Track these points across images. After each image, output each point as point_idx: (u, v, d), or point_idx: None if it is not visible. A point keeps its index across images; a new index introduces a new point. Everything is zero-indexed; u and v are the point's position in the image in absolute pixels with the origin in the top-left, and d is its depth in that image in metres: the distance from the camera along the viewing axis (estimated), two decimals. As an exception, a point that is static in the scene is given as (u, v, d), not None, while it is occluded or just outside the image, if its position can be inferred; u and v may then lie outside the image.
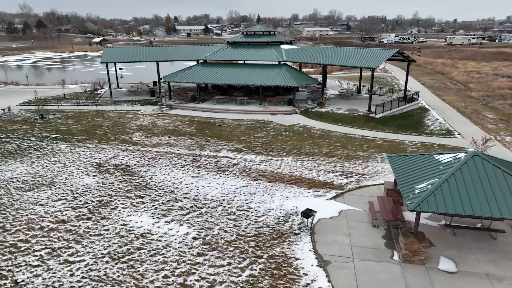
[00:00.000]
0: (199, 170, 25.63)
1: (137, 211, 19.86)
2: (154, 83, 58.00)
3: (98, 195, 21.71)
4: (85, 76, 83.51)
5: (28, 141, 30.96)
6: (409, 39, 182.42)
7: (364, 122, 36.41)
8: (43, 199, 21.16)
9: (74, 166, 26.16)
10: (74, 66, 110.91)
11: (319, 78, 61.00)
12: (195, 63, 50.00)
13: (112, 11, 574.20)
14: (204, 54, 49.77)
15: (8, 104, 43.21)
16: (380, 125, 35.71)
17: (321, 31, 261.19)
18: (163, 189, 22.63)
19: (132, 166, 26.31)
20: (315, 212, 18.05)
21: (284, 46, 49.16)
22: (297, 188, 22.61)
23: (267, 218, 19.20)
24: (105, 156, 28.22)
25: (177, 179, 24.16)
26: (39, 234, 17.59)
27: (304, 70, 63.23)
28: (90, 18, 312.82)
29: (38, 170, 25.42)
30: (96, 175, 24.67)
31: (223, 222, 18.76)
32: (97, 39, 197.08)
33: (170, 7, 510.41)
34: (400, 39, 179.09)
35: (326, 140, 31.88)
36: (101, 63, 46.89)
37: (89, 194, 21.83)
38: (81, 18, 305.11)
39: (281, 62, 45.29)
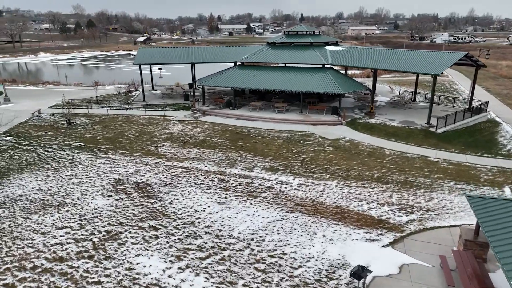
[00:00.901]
0: (226, 194, 21.97)
1: (148, 249, 16.49)
2: (190, 85, 55.41)
3: (108, 223, 18.66)
4: (125, 76, 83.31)
5: (49, 150, 28.92)
6: (465, 38, 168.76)
7: (423, 138, 31.04)
8: (46, 226, 18.43)
9: (90, 183, 23.47)
10: (117, 65, 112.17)
11: (367, 82, 55.56)
12: (233, 64, 46.68)
13: (159, 11, 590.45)
14: (242, 55, 46.24)
15: (40, 106, 42.16)
16: (443, 142, 30.20)
17: (366, 30, 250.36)
18: (183, 218, 19.17)
19: (153, 185, 23.17)
20: (370, 271, 13.70)
21: (329, 48, 44.46)
22: (343, 227, 18.25)
23: (306, 271, 15.08)
24: (126, 171, 25.36)
25: (200, 205, 20.63)
26: (28, 277, 14.68)
27: (348, 72, 57.96)
28: (138, 18, 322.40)
29: (51, 186, 22.96)
30: (111, 196, 21.75)
31: (250, 275, 14.88)
32: (142, 38, 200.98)
33: (215, 6, 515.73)
34: (454, 39, 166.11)
35: (378, 160, 27.05)
36: (134, 64, 44.82)
37: (98, 222, 18.84)
38: (129, 18, 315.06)
39: (326, 66, 40.70)
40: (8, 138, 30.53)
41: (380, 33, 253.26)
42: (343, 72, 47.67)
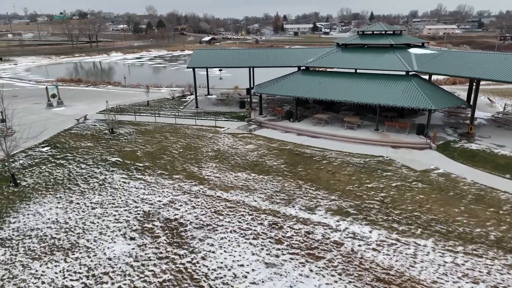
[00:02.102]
0: (278, 249, 16.37)
1: None
2: (247, 90, 50.63)
3: None
4: (184, 76, 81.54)
5: (83, 166, 25.60)
6: None
7: (553, 177, 22.64)
8: (44, 283, 14.33)
9: (114, 216, 19.32)
10: (180, 65, 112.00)
11: (456, 91, 46.29)
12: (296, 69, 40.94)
13: (227, 11, 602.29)
14: (307, 58, 40.26)
15: (91, 110, 40.09)
16: None
17: (445, 29, 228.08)
18: (216, 288, 13.96)
19: (186, 226, 18.35)
20: None
21: (414, 50, 36.73)
22: (456, 337, 11.65)
23: None
24: (159, 201, 20.91)
25: (242, 265, 15.31)
26: None
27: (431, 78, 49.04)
28: (206, 18, 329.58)
29: (69, 218, 19.18)
30: (133, 239, 17.29)
31: None
32: (207, 38, 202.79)
33: (282, 6, 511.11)
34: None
35: (491, 208, 19.55)
36: (187, 68, 41.09)
37: (107, 282, 14.34)
38: (197, 18, 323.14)
39: (410, 73, 33.22)
40: (45, 149, 28.00)
41: (461, 33, 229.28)
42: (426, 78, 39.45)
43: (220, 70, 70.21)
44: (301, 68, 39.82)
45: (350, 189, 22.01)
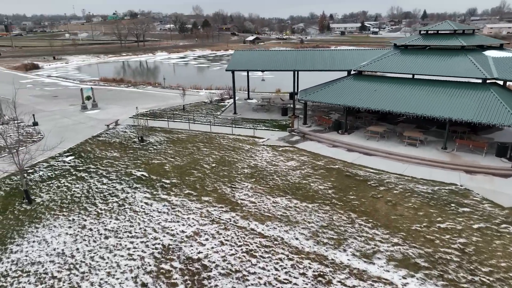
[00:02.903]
0: (326, 319, 12.37)
1: None
2: (291, 95, 46.63)
3: None
4: (226, 78, 79.01)
5: (104, 181, 23.01)
6: None
7: None
8: None
9: (128, 250, 16.28)
10: (222, 65, 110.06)
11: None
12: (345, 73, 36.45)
13: (272, 11, 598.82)
14: (359, 61, 35.61)
15: (125, 114, 38.07)
16: None
17: (509, 28, 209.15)
18: None
19: (211, 271, 14.86)
20: None
21: (491, 53, 30.93)
22: None
23: None
24: (183, 232, 17.65)
25: None
26: None
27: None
28: (251, 18, 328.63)
29: (77, 248, 16.40)
30: (145, 286, 14.06)
31: None
32: (251, 38, 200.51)
33: (328, 5, 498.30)
34: None
35: None
36: (226, 71, 37.91)
37: None
38: (242, 18, 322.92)
39: (488, 80, 27.63)
40: (68, 158, 25.87)
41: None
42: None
43: (263, 71, 66.73)
44: (352, 72, 35.22)
45: (417, 230, 17.44)
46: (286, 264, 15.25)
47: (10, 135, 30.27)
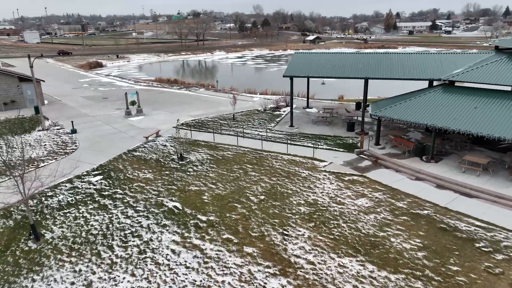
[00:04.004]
0: None
1: None
2: (358, 104, 40.21)
3: None
4: (283, 81, 73.75)
5: (129, 213, 18.96)
6: None
7: None
8: None
9: (136, 333, 11.74)
10: (279, 66, 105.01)
11: None
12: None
13: (334, 9, 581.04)
14: (450, 69, 28.56)
15: (168, 122, 34.45)
16: None
17: None
18: None
19: None
20: None
21: None
22: None
23: None
24: (212, 306, 12.78)
25: None
26: None
27: None
28: (311, 17, 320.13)
29: (72, 323, 12.23)
30: None
31: None
32: (311, 37, 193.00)
33: (394, 3, 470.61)
34: None
35: None
36: (284, 76, 32.69)
37: None
38: (303, 17, 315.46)
39: None
40: (96, 178, 22.35)
41: None
42: None
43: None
44: (436, 83, 28.20)
45: None
46: None
47: (45, 144, 27.82)
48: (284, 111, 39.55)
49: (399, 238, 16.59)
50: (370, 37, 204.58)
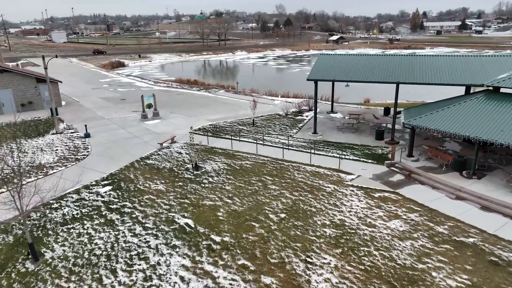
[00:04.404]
0: None
1: None
2: (386, 110, 37.60)
3: None
4: (304, 82, 71.31)
5: (137, 230, 17.35)
6: None
7: None
8: None
9: None
10: (302, 66, 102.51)
11: None
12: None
13: (357, 9, 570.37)
14: (494, 74, 25.77)
15: (185, 127, 32.91)
16: None
17: None
18: None
19: None
20: None
21: None
22: None
23: None
24: None
25: None
26: None
27: None
28: (335, 16, 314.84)
29: None
30: None
31: None
32: (334, 37, 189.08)
33: (420, 2, 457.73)
34: None
35: None
36: (308, 80, 30.56)
37: None
38: (326, 16, 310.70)
39: None
40: (104, 189, 20.90)
41: None
42: None
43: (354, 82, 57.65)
44: (470, 87, 25.45)
45: None
46: None
47: (56, 149, 26.73)
48: (306, 116, 37.38)
49: (441, 273, 14.28)
50: (395, 37, 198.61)
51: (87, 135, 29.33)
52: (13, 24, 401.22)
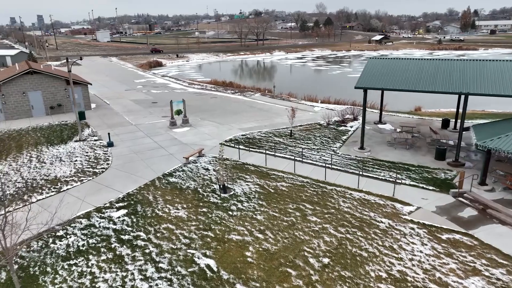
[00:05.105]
0: None
1: None
2: (445, 122, 32.69)
3: None
4: (347, 87, 66.56)
5: (148, 272, 14.39)
6: None
7: None
8: None
9: None
10: (343, 68, 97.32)
11: None
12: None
13: (402, 8, 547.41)
14: None
15: (216, 137, 29.99)
16: None
17: None
18: None
19: None
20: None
21: None
22: None
23: None
24: None
25: None
26: None
27: None
28: (377, 15, 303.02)
29: None
30: None
31: None
32: (377, 37, 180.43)
33: (471, 0, 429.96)
34: None
35: None
36: (356, 87, 26.55)
37: None
38: (368, 15, 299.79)
39: None
40: (118, 213, 18.21)
41: None
42: None
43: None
44: None
45: None
46: None
47: (76, 160, 24.61)
48: (351, 127, 33.26)
49: None
50: (444, 37, 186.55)
51: (110, 144, 27.13)
52: (64, 24, 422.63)
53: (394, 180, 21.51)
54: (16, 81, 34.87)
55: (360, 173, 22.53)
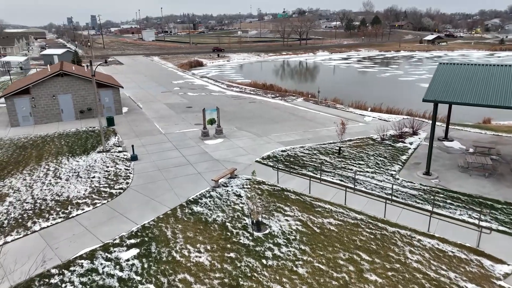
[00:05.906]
0: None
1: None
2: (531, 142, 26.70)
3: None
4: (398, 92, 60.40)
5: None
6: None
7: None
8: None
9: None
10: (393, 70, 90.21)
11: None
12: None
13: (455, 5, 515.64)
14: None
15: (253, 151, 26.29)
16: None
17: None
18: None
19: None
20: None
21: None
22: None
23: None
24: None
25: None
26: None
27: None
28: (429, 13, 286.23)
29: None
30: None
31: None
32: (430, 37, 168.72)
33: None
34: None
35: None
36: (423, 101, 21.75)
37: None
38: (419, 13, 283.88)
39: None
40: (128, 254, 14.95)
41: None
42: None
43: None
44: None
45: None
46: None
47: (94, 177, 21.89)
48: (410, 143, 28.24)
49: None
50: (506, 36, 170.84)
51: (133, 158, 24.27)
52: (114, 24, 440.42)
53: (477, 223, 16.63)
54: (47, 83, 33.29)
55: (432, 210, 17.80)
